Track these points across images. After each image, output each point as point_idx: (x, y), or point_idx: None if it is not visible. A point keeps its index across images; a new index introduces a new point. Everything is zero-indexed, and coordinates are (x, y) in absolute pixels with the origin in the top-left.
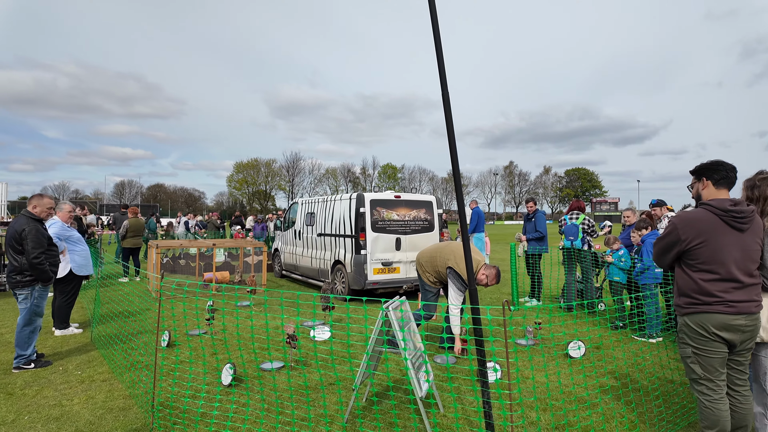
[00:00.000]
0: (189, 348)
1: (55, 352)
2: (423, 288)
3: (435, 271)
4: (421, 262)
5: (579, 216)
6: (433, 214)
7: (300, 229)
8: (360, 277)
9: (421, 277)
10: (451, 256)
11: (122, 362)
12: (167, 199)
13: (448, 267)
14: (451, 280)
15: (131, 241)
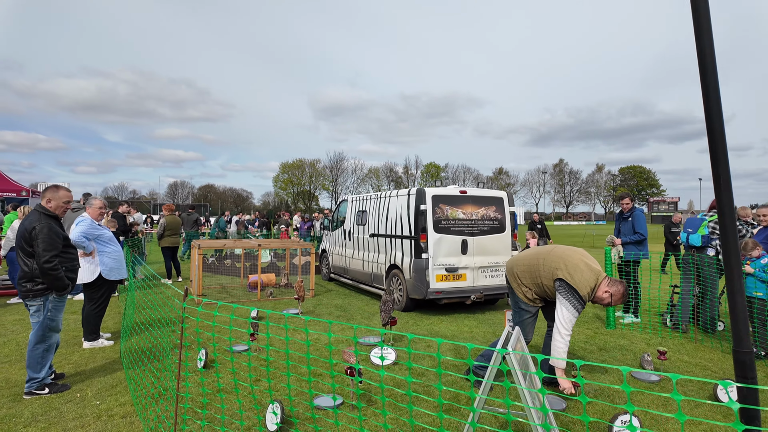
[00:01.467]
0: (228, 370)
1: (78, 371)
2: (517, 306)
3: (536, 285)
4: (515, 272)
5: (714, 214)
6: (504, 213)
7: (350, 228)
8: (421, 284)
9: (514, 292)
10: (561, 265)
11: (148, 390)
12: (217, 198)
13: (558, 279)
14: (561, 296)
15: (169, 240)
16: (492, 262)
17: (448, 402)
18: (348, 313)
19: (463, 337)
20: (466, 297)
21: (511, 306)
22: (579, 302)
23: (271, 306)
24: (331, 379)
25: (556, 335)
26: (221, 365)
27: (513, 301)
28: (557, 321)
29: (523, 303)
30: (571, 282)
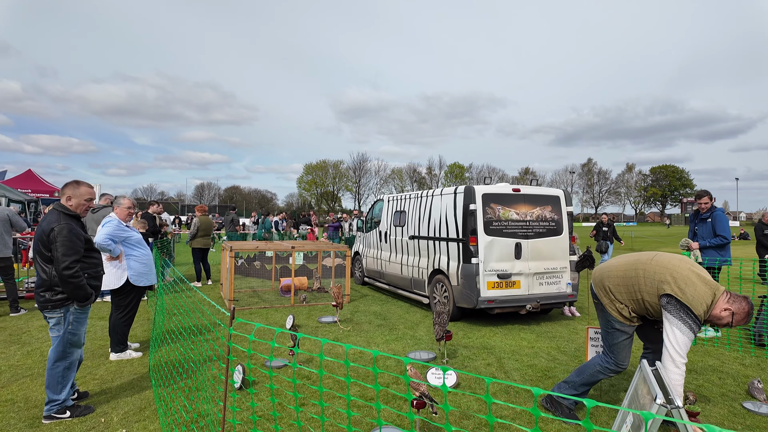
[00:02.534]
0: (267, 388)
1: (104, 389)
2: (608, 326)
3: (635, 300)
4: (606, 286)
5: None
6: (561, 213)
7: (386, 230)
8: (470, 292)
9: (605, 309)
10: (667, 277)
11: (180, 414)
12: (242, 200)
13: (665, 295)
14: (671, 316)
15: (201, 241)
16: (548, 268)
17: None
18: (389, 322)
19: (526, 354)
20: (521, 306)
21: (600, 325)
22: (694, 322)
23: (305, 313)
24: (384, 403)
25: (668, 364)
26: (259, 384)
27: (603, 320)
28: (668, 346)
29: (618, 322)
30: (682, 299)
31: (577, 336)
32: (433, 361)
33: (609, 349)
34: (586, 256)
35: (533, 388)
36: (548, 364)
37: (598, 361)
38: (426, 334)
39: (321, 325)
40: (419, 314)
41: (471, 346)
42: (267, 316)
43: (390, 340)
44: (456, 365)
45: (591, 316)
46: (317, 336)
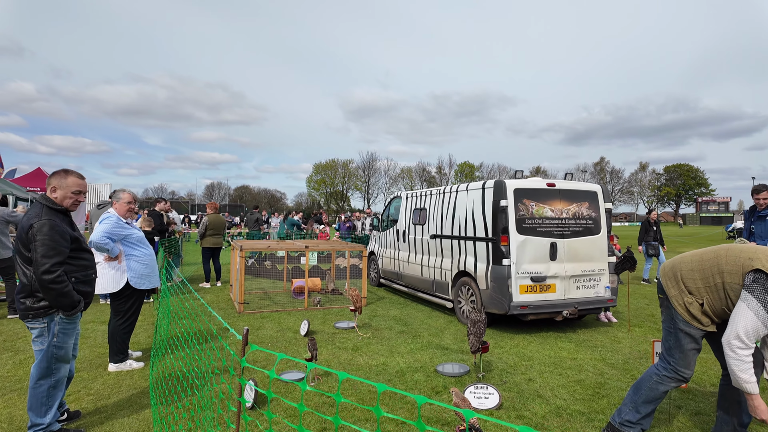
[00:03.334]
0: (285, 408)
1: (98, 407)
2: (671, 326)
3: (711, 288)
4: (676, 273)
5: None
6: (599, 210)
7: (405, 228)
8: (502, 297)
9: (671, 305)
10: (759, 255)
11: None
12: (252, 199)
13: (754, 271)
14: (753, 297)
15: (211, 240)
16: (586, 270)
17: None
18: (411, 329)
19: (568, 367)
20: (556, 312)
21: (663, 327)
22: None
23: (320, 317)
24: None
25: (732, 351)
26: (274, 402)
27: (666, 319)
28: (734, 327)
29: (683, 321)
30: None
31: (620, 345)
32: (467, 375)
33: (668, 353)
34: (627, 257)
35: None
36: (597, 380)
37: (654, 371)
38: (453, 342)
39: (338, 332)
40: (443, 319)
41: (506, 357)
42: (279, 320)
43: (415, 350)
44: (493, 380)
45: (630, 322)
46: (334, 342)
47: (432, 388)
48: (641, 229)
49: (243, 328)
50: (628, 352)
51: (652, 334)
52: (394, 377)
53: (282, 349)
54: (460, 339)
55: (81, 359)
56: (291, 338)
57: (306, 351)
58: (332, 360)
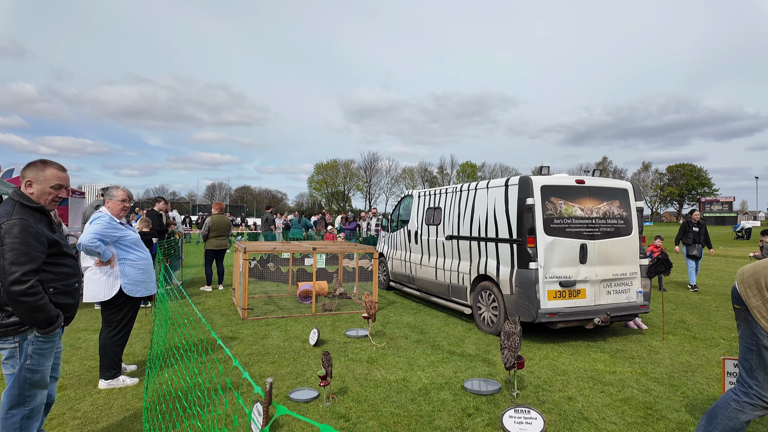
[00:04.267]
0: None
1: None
2: (752, 343)
3: None
4: (760, 280)
5: None
6: (630, 209)
7: (417, 229)
8: (528, 303)
9: (751, 317)
10: None
11: None
12: (253, 200)
13: None
14: None
15: (215, 242)
16: (617, 274)
17: None
18: (428, 337)
19: (608, 383)
20: (587, 320)
21: (740, 344)
22: None
23: (330, 324)
24: None
25: None
26: (288, 429)
27: (747, 334)
28: None
29: (765, 334)
30: None
31: (659, 356)
32: (498, 394)
33: (749, 375)
34: (662, 259)
35: None
36: (645, 398)
37: (732, 396)
38: (476, 352)
39: (350, 341)
40: (461, 326)
41: (537, 371)
42: (286, 327)
43: (436, 362)
44: (529, 399)
45: (660, 329)
46: (347, 353)
47: (462, 409)
48: (680, 230)
49: (266, 382)
50: (669, 364)
51: (689, 342)
52: (417, 396)
53: (291, 361)
54: (483, 348)
55: (69, 374)
56: (299, 349)
57: (317, 364)
58: (346, 375)
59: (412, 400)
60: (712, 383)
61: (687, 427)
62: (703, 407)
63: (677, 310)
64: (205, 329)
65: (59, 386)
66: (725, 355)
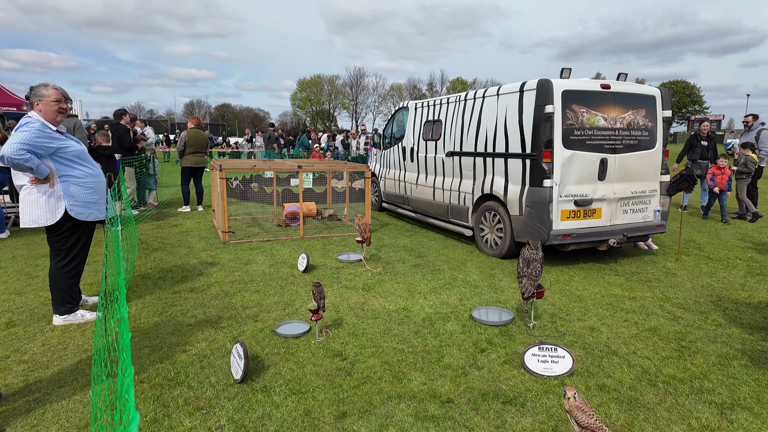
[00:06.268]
0: (285, 380)
1: (29, 383)
2: None
3: None
4: None
5: None
6: (656, 120)
7: (413, 145)
8: (540, 224)
9: None
10: None
11: None
12: (234, 118)
13: None
14: None
15: (192, 159)
16: (636, 191)
17: None
18: (427, 261)
19: (630, 310)
20: (602, 241)
21: None
22: None
23: (320, 248)
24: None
25: None
26: (275, 371)
27: None
28: None
29: None
30: None
31: (677, 279)
32: (512, 324)
33: None
34: (686, 175)
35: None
36: (674, 327)
37: None
38: (480, 277)
39: (342, 266)
40: (461, 249)
41: (550, 297)
42: (272, 251)
43: (438, 288)
44: (547, 330)
45: (672, 249)
46: (340, 280)
47: (474, 343)
48: (686, 145)
49: (236, 343)
50: (690, 287)
51: (704, 263)
52: (421, 328)
53: (277, 289)
54: (488, 273)
55: (21, 308)
56: (287, 275)
57: (307, 293)
58: (340, 304)
59: (415, 333)
60: (742, 309)
61: (730, 361)
62: (740, 337)
63: (685, 228)
64: (182, 254)
65: (6, 323)
66: (746, 276)
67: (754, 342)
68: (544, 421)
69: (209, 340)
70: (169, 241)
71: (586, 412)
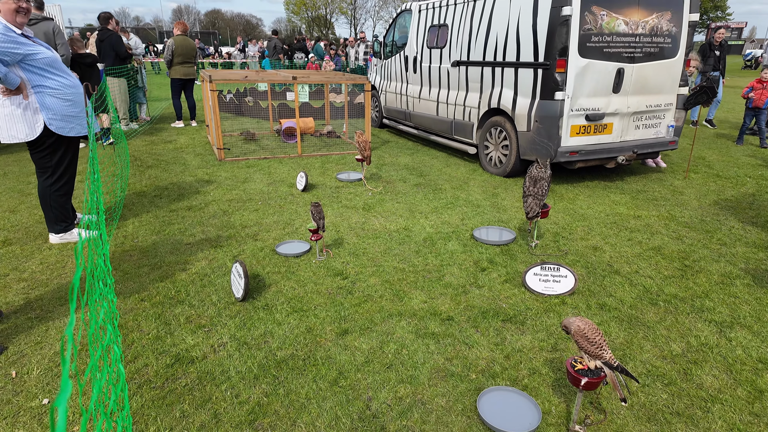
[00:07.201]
0: (286, 298)
1: (30, 300)
2: None
3: None
4: None
5: None
6: (681, 25)
7: (416, 54)
8: (548, 140)
9: None
10: None
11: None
12: (225, 26)
13: None
14: None
15: (181, 70)
16: (651, 105)
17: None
18: (429, 180)
19: (635, 228)
20: (610, 159)
21: None
22: None
23: (318, 167)
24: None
25: None
26: (276, 290)
27: None
28: None
29: None
30: None
31: (684, 197)
32: (514, 243)
33: None
34: (705, 87)
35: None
36: (678, 246)
37: None
38: (484, 197)
39: (342, 185)
40: (464, 168)
41: (554, 215)
42: (269, 170)
43: (440, 208)
44: (549, 249)
45: (680, 167)
46: (340, 200)
47: (474, 262)
48: (698, 54)
49: (235, 263)
50: (697, 206)
51: (713, 181)
52: (422, 247)
53: (276, 208)
54: (491, 192)
55: (16, 226)
56: (286, 194)
57: (306, 213)
58: (340, 224)
59: (416, 253)
60: (748, 228)
61: (732, 281)
62: (744, 256)
63: (694, 146)
64: (177, 171)
65: (2, 241)
66: (754, 195)
67: (758, 261)
68: (543, 339)
69: (209, 259)
70: (164, 158)
71: (589, 338)
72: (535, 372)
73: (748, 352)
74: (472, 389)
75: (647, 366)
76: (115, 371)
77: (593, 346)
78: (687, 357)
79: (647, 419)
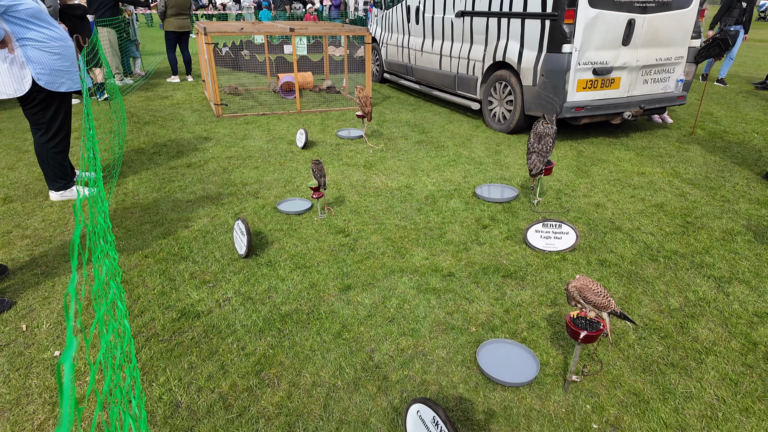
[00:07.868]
0: (289, 255)
1: (35, 256)
2: None
3: None
4: None
5: None
6: None
7: (419, 4)
8: (553, 95)
9: None
10: None
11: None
12: None
13: None
14: None
15: (175, 22)
16: (661, 59)
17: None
18: (431, 137)
19: (638, 185)
20: (616, 114)
21: None
22: None
23: (318, 123)
24: None
25: None
26: (279, 247)
27: None
28: None
29: None
30: None
31: (689, 153)
32: (516, 201)
33: None
34: (719, 39)
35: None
36: (681, 203)
37: None
38: (486, 154)
39: (342, 142)
40: (467, 124)
41: (556, 172)
42: (268, 126)
43: (441, 166)
44: (551, 206)
45: (686, 122)
46: (340, 157)
47: (476, 219)
48: (722, 6)
49: (237, 221)
50: (702, 162)
51: (719, 138)
52: (424, 205)
53: (277, 166)
54: (494, 149)
55: (15, 183)
56: (286, 151)
57: (307, 170)
58: (341, 182)
59: (418, 210)
60: (753, 185)
61: (733, 237)
62: (747, 212)
63: (702, 101)
64: (175, 128)
65: (3, 198)
66: (761, 151)
67: (760, 218)
68: (543, 294)
69: (210, 216)
70: (161, 114)
71: (594, 291)
72: (534, 325)
73: (745, 306)
74: (472, 341)
75: (644, 320)
76: (121, 326)
77: (600, 297)
78: (684, 311)
79: (642, 370)
